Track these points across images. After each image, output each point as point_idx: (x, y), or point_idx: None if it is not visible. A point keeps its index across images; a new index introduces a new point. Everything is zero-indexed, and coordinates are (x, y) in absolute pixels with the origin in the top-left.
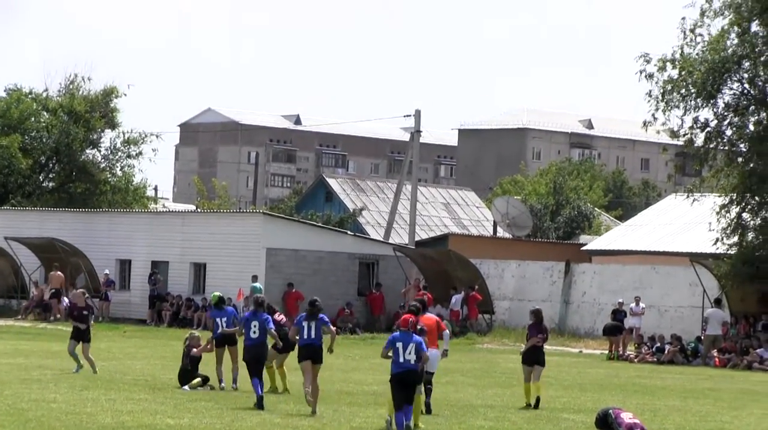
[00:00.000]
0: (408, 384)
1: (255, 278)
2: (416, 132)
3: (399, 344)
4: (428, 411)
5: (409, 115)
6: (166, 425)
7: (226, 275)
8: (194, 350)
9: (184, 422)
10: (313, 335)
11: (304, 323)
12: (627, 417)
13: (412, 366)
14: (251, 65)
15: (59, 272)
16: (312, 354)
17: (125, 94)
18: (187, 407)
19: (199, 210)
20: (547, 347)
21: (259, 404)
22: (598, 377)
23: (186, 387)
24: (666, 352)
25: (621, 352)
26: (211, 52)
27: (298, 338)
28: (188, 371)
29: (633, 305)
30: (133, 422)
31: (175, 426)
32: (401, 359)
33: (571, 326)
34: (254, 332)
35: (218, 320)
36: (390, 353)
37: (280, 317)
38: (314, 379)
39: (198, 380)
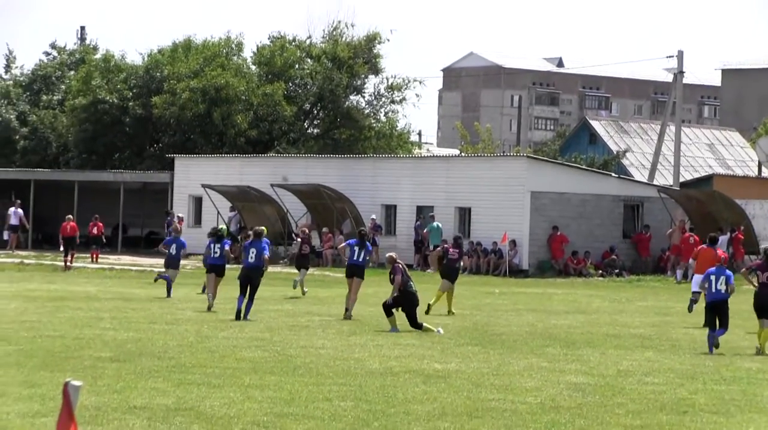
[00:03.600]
0: (718, 309)
1: (433, 218)
2: (679, 73)
3: (713, 277)
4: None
5: (672, 56)
6: (434, 370)
7: (491, 218)
8: None
9: (452, 367)
10: (359, 259)
11: (356, 248)
12: None
13: (722, 295)
14: (513, 8)
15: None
16: (356, 271)
17: (388, 40)
18: (455, 351)
19: (462, 154)
20: None
21: (237, 316)
22: None
23: None
24: None
25: None
26: None
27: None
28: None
29: None
30: (400, 367)
31: (442, 371)
32: (713, 289)
33: None
34: (251, 257)
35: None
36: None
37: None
38: (356, 291)
39: None
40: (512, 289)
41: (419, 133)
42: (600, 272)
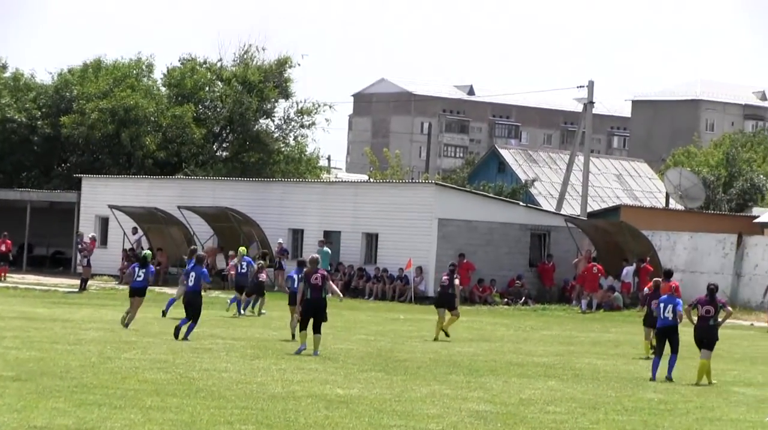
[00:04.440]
0: (668, 335)
1: (322, 244)
2: (589, 103)
3: (662, 305)
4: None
5: (583, 86)
6: (336, 395)
7: (398, 245)
8: None
9: (354, 392)
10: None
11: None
12: None
13: (671, 322)
14: (425, 35)
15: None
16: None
17: (299, 64)
18: (357, 377)
19: (371, 180)
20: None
21: (175, 334)
22: (766, 350)
23: None
24: None
25: None
26: (384, 22)
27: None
28: None
29: None
30: (303, 391)
31: (344, 396)
32: (662, 316)
33: (741, 299)
34: (191, 281)
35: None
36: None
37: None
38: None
39: None
40: (417, 315)
41: (328, 158)
42: (505, 300)
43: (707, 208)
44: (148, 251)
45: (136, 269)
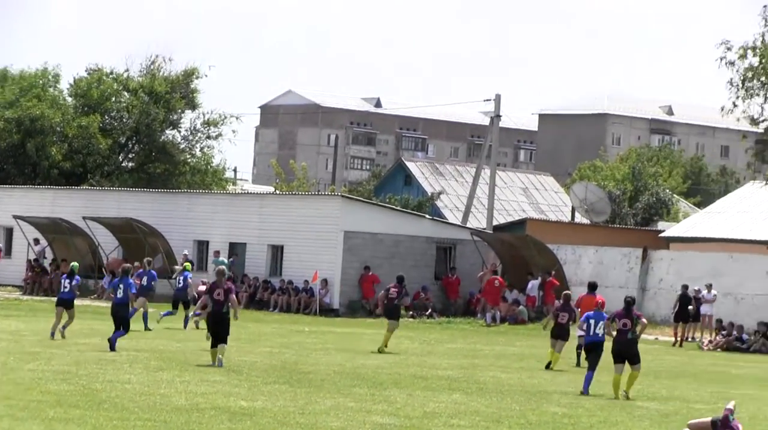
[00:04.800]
0: (595, 351)
1: (218, 254)
2: (496, 116)
3: (591, 321)
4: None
5: (489, 100)
6: (240, 408)
7: (304, 257)
8: None
9: (258, 405)
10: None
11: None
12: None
13: (599, 338)
14: (332, 48)
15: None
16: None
17: (206, 75)
18: (261, 389)
19: (277, 192)
20: None
21: (111, 347)
22: (672, 364)
23: None
24: (750, 339)
25: (689, 338)
26: (292, 34)
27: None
28: None
29: (705, 292)
30: (206, 403)
31: (248, 409)
32: (591, 332)
33: (647, 313)
34: (120, 293)
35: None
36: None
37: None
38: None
39: None
40: (322, 328)
41: (234, 170)
42: (410, 313)
43: (613, 223)
44: (75, 263)
45: (63, 280)
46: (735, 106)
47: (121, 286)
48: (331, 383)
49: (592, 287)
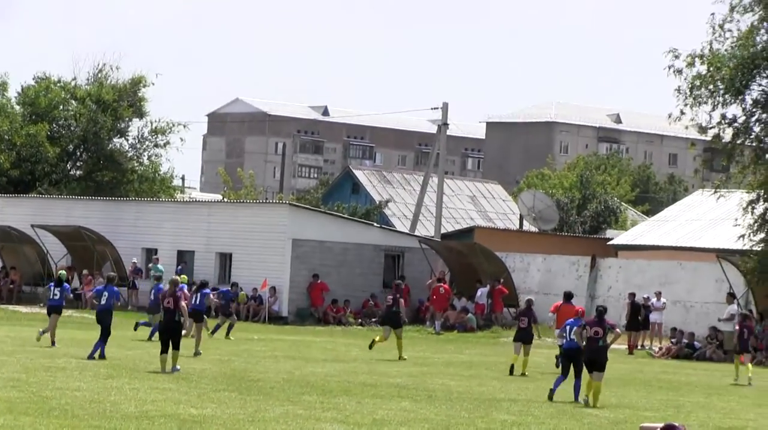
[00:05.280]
0: (574, 358)
1: (157, 260)
2: (444, 124)
3: (568, 328)
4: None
5: (437, 108)
6: (189, 415)
7: (252, 265)
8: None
9: (207, 412)
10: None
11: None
12: None
13: (577, 345)
14: (280, 56)
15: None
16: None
17: (153, 84)
18: (211, 397)
19: (225, 200)
20: None
21: (90, 356)
22: (622, 372)
23: None
24: (704, 346)
25: (638, 346)
26: (239, 42)
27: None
28: None
29: (654, 300)
30: (156, 411)
31: (198, 416)
32: (568, 339)
33: None
34: (103, 300)
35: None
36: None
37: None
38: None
39: None
40: (271, 336)
41: (182, 178)
42: (359, 320)
43: (561, 231)
44: (63, 272)
45: (53, 288)
46: (683, 114)
47: (106, 293)
48: (281, 390)
49: (568, 296)
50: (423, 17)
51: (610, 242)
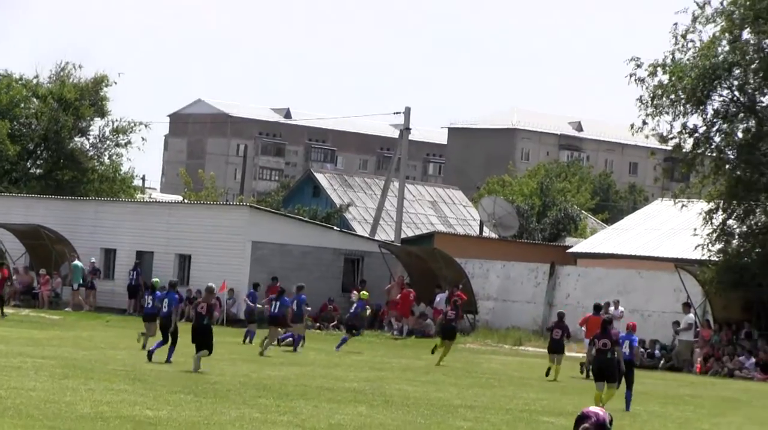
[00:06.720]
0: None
1: (74, 257)
2: (405, 129)
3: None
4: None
5: (399, 113)
6: (145, 417)
7: (211, 266)
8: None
9: (163, 414)
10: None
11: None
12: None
13: (627, 357)
14: (242, 57)
15: None
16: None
17: (115, 83)
18: (167, 399)
19: (185, 201)
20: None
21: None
22: (580, 381)
23: None
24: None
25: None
26: (202, 44)
27: None
28: None
29: (612, 308)
30: (111, 412)
31: (153, 418)
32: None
33: None
34: (165, 308)
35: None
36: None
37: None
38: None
39: None
40: (228, 338)
41: (143, 178)
42: (317, 324)
43: (520, 237)
44: (157, 279)
45: (147, 297)
46: (645, 123)
47: (166, 299)
48: (237, 393)
49: (597, 308)
50: (386, 22)
51: (570, 250)
